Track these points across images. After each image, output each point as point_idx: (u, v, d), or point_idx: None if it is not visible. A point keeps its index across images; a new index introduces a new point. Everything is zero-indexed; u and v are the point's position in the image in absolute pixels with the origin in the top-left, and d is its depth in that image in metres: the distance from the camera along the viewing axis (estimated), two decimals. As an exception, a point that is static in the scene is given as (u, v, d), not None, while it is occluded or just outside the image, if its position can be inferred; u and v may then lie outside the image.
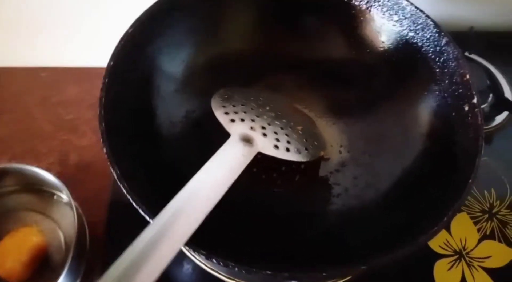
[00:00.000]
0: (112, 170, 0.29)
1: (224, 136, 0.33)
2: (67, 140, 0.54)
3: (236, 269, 0.26)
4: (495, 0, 0.55)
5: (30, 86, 0.59)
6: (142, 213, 0.27)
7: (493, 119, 0.49)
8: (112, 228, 0.45)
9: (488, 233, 0.43)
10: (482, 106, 0.50)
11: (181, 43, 0.39)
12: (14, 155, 0.53)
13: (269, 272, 0.26)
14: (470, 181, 0.30)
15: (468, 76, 0.35)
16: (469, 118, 0.34)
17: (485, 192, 0.45)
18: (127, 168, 0.29)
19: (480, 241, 0.43)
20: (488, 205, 0.44)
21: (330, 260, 0.28)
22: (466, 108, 0.34)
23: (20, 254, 0.41)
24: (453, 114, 0.35)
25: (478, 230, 0.43)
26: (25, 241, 0.43)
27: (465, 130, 0.33)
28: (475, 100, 0.34)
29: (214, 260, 0.26)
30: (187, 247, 0.26)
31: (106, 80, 0.32)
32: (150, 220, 0.27)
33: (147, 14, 0.36)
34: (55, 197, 0.48)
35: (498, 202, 0.45)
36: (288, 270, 0.26)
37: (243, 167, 0.32)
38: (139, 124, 0.35)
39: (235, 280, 0.38)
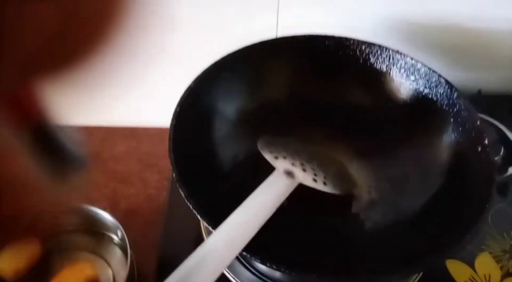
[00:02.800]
0: (180, 190, 0.34)
1: (266, 173, 0.39)
2: (117, 189, 0.60)
3: (287, 272, 0.30)
4: (500, 67, 0.63)
5: (85, 142, 0.67)
6: (206, 224, 0.32)
7: (506, 170, 0.54)
8: (162, 266, 0.49)
9: (510, 271, 0.46)
10: (495, 158, 0.55)
11: (232, 96, 0.46)
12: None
13: (315, 275, 0.30)
14: (487, 205, 0.35)
15: (478, 123, 0.41)
16: (483, 156, 0.39)
17: (505, 234, 0.49)
18: (191, 190, 0.35)
19: (503, 278, 0.45)
20: (508, 246, 0.48)
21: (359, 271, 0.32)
22: (479, 149, 0.40)
23: (77, 284, 0.45)
24: (469, 154, 0.40)
25: (501, 268, 0.46)
26: (81, 273, 0.47)
27: (480, 166, 0.39)
28: (486, 142, 0.39)
29: (267, 265, 0.31)
30: (244, 253, 0.31)
31: (174, 122, 0.39)
32: (213, 230, 0.32)
33: (204, 74, 0.44)
34: (105, 237, 0.52)
35: (518, 244, 0.48)
36: (334, 273, 0.30)
37: (286, 195, 0.37)
38: (200, 158, 0.41)
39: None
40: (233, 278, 0.43)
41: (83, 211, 0.51)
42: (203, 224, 0.47)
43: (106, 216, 0.50)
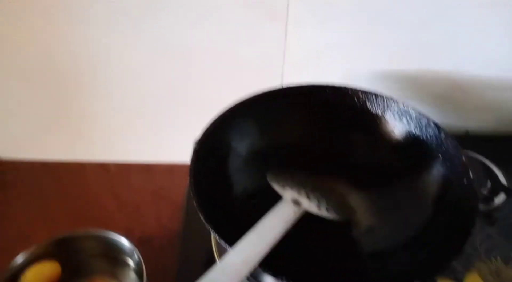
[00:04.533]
0: (200, 215, 0.39)
1: (274, 202, 0.44)
2: (131, 218, 0.64)
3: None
4: (483, 110, 0.70)
5: (100, 177, 0.72)
6: (223, 244, 0.37)
7: (492, 200, 0.59)
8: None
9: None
10: (483, 191, 0.60)
11: (242, 135, 0.52)
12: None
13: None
14: (471, 231, 0.39)
15: (464, 159, 0.46)
16: (468, 187, 0.44)
17: (493, 259, 0.53)
18: (209, 215, 0.39)
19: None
20: (495, 268, 0.52)
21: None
22: (465, 181, 0.45)
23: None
24: (456, 186, 0.45)
25: (488, 287, 0.50)
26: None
27: (466, 196, 0.44)
28: (470, 175, 0.45)
29: (279, 278, 0.35)
30: (259, 268, 0.35)
31: (194, 158, 0.45)
32: (229, 248, 0.36)
33: (218, 117, 0.50)
34: (122, 261, 0.56)
35: (504, 267, 0.52)
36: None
37: (293, 221, 0.42)
38: (216, 188, 0.46)
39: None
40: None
41: (102, 236, 0.55)
42: (216, 248, 0.51)
43: (123, 241, 0.54)
